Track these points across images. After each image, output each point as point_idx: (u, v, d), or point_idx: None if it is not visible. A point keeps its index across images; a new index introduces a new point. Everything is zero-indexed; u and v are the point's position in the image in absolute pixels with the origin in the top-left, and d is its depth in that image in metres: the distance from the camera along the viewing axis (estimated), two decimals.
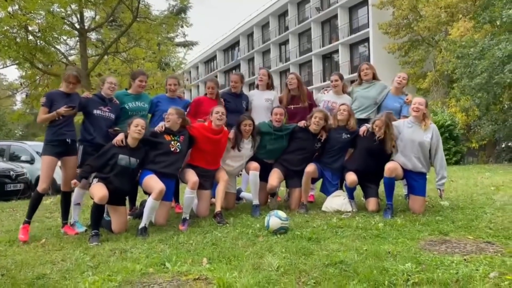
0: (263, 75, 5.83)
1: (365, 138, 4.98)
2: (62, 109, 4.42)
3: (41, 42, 15.16)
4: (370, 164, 4.97)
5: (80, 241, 4.21)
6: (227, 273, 2.93)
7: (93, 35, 18.79)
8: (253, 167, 5.10)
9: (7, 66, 17.37)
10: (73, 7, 15.29)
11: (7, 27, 13.96)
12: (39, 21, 14.69)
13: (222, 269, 3.03)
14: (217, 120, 4.82)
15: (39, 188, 4.51)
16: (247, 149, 5.18)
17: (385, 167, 4.72)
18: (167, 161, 4.60)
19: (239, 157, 5.20)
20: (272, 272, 2.95)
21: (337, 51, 30.59)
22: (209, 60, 48.87)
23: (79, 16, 15.80)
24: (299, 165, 5.20)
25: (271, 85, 5.88)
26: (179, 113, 4.73)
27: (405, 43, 24.35)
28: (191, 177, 4.67)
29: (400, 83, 5.54)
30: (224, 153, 5.11)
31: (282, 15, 37.05)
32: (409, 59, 24.01)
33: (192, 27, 22.46)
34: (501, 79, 12.78)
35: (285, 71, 34.39)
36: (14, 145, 12.03)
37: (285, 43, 36.37)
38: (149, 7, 17.17)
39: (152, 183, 4.39)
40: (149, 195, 4.45)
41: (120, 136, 4.43)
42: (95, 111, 4.73)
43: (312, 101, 5.74)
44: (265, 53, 38.97)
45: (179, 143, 4.69)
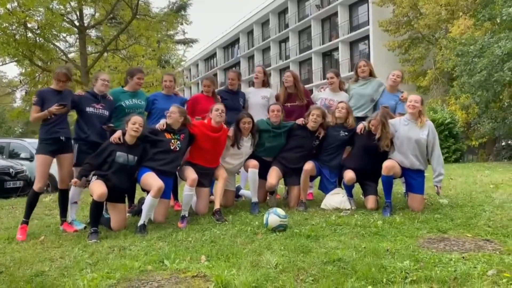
0: (259, 73, 5.83)
1: (362, 136, 4.98)
2: (53, 108, 4.39)
3: (40, 39, 15.12)
4: (368, 162, 4.96)
5: (79, 238, 4.22)
6: (225, 270, 2.93)
7: (92, 32, 18.75)
8: (252, 165, 5.09)
9: (7, 63, 17.35)
10: (73, 4, 15.26)
11: (6, 24, 13.92)
12: (38, 18, 14.65)
13: (220, 267, 3.03)
14: (217, 117, 4.81)
15: (35, 187, 4.51)
16: (246, 146, 5.18)
17: (383, 166, 4.72)
18: (166, 159, 4.60)
19: (239, 155, 5.20)
20: (270, 269, 2.95)
21: (337, 49, 30.56)
22: (209, 57, 48.84)
23: (78, 13, 15.76)
24: (297, 163, 5.20)
25: (267, 82, 5.88)
26: (181, 112, 4.72)
27: (405, 41, 24.31)
28: (190, 174, 4.67)
29: (394, 81, 5.54)
30: (223, 151, 5.11)
31: (282, 12, 37.00)
32: (409, 57, 23.97)
33: (192, 25, 22.38)
34: (500, 77, 12.77)
35: (285, 69, 34.30)
36: (13, 143, 12.02)
37: (285, 40, 36.33)
38: (149, 5, 17.19)
39: (150, 181, 4.39)
40: (147, 192, 4.45)
41: (117, 133, 4.43)
42: (88, 109, 4.71)
43: (309, 99, 5.73)
44: (265, 50, 38.94)
45: (179, 142, 4.68)
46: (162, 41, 19.75)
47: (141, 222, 4.31)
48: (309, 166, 5.09)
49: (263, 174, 5.16)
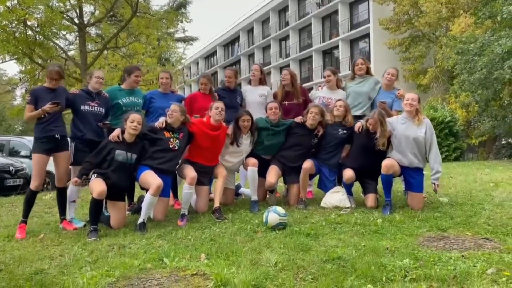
0: (256, 71, 5.83)
1: (361, 135, 4.97)
2: (46, 107, 4.36)
3: (40, 37, 15.10)
4: (367, 160, 4.96)
5: (78, 236, 4.22)
6: (225, 268, 2.93)
7: (92, 30, 18.72)
8: (252, 163, 5.09)
9: (6, 61, 17.36)
10: (72, 1, 15.25)
11: (6, 22, 13.91)
12: (38, 15, 14.63)
13: (220, 265, 3.03)
14: (216, 115, 4.80)
15: (32, 185, 4.51)
16: (246, 144, 5.18)
17: (382, 164, 4.72)
18: (165, 157, 4.60)
19: (238, 153, 5.20)
20: (270, 267, 2.95)
21: (337, 47, 30.51)
22: (209, 55, 48.77)
23: (78, 10, 15.74)
24: (296, 161, 5.20)
25: (263, 80, 5.88)
26: (182, 110, 4.72)
27: (406, 39, 24.28)
28: (190, 172, 4.66)
29: (390, 80, 5.53)
30: (223, 149, 5.10)
31: (282, 10, 36.92)
32: (410, 55, 23.93)
33: (192, 23, 22.36)
34: (500, 75, 12.75)
35: (285, 67, 34.28)
36: (13, 140, 12.01)
37: (286, 38, 36.26)
38: (149, 2, 17.18)
39: (149, 179, 4.39)
40: (146, 191, 4.44)
41: (116, 131, 4.42)
42: (82, 107, 4.68)
43: (307, 98, 5.72)
44: (265, 48, 38.88)
45: (178, 140, 4.67)
46: (162, 39, 19.73)
47: (140, 220, 4.31)
48: (308, 164, 5.09)
49: (262, 172, 5.16)
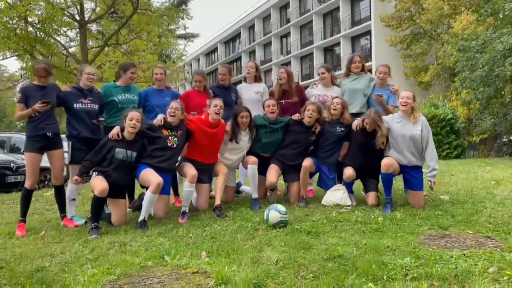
0: (251, 68, 5.82)
1: (358, 134, 4.95)
2: (36, 106, 4.31)
3: (41, 33, 15.08)
4: (366, 159, 4.95)
5: (79, 233, 4.22)
6: (226, 266, 2.93)
7: (93, 27, 18.72)
8: (252, 161, 5.09)
9: (7, 57, 17.33)
10: None
11: (6, 18, 13.88)
12: (38, 12, 14.60)
13: (221, 263, 3.03)
14: (214, 114, 4.78)
15: (26, 184, 4.50)
16: (244, 141, 5.16)
17: (381, 163, 4.71)
18: (164, 156, 4.59)
19: (238, 150, 5.19)
20: (271, 266, 2.95)
21: (338, 44, 30.42)
22: (210, 52, 48.68)
23: (79, 7, 15.69)
24: (295, 159, 5.20)
25: (259, 77, 5.86)
26: (183, 108, 4.72)
27: (407, 36, 24.20)
28: (190, 170, 4.66)
29: (382, 78, 5.52)
30: (222, 146, 5.10)
31: (283, 7, 36.81)
32: (411, 52, 23.86)
33: (193, 19, 22.33)
34: (501, 72, 12.71)
35: (286, 64, 34.25)
36: (15, 137, 12.00)
37: (287, 35, 36.19)
38: None
39: (149, 177, 4.38)
40: (146, 189, 4.44)
41: (115, 129, 4.41)
42: (75, 105, 4.65)
43: (303, 97, 5.70)
44: (266, 45, 38.80)
45: (176, 138, 4.66)
46: (163, 35, 19.71)
47: (141, 218, 4.31)
48: (308, 162, 5.08)
49: (261, 170, 5.15)
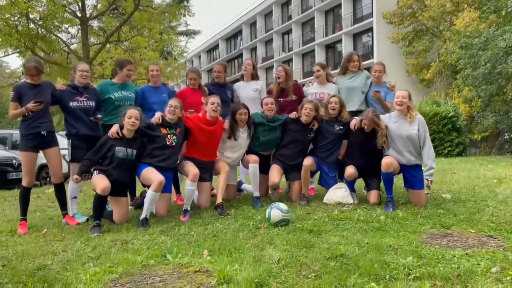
0: (248, 65, 5.79)
1: (357, 134, 4.94)
2: (30, 105, 4.27)
3: (42, 30, 15.10)
4: (367, 159, 4.93)
5: (81, 231, 4.22)
6: (228, 265, 2.92)
7: (94, 24, 18.72)
8: (252, 160, 5.07)
9: (9, 54, 17.33)
10: None
11: (8, 15, 13.89)
12: (40, 9, 14.62)
13: (223, 262, 3.03)
14: (212, 111, 4.75)
15: (24, 182, 4.50)
16: (243, 138, 5.15)
17: (382, 162, 4.69)
18: (164, 155, 4.57)
19: (236, 147, 5.17)
20: (273, 265, 2.95)
21: (340, 41, 30.35)
22: (212, 49, 48.62)
23: (80, 4, 15.70)
24: (295, 159, 5.20)
25: (256, 75, 5.84)
26: (181, 106, 4.70)
27: (409, 33, 24.12)
28: (191, 169, 4.65)
29: (378, 76, 5.51)
30: (221, 144, 5.08)
31: (285, 4, 36.71)
32: (413, 49, 23.80)
33: (194, 16, 22.34)
34: (504, 69, 12.67)
35: (288, 61, 34.21)
36: (16, 134, 11.97)
37: (288, 32, 36.10)
38: None
39: (151, 176, 4.38)
40: (148, 187, 4.43)
41: (114, 128, 4.39)
42: (71, 104, 4.62)
43: (301, 95, 5.68)
44: (268, 42, 38.72)
45: (175, 137, 4.64)
46: (164, 32, 19.69)
47: (142, 216, 4.30)
48: (308, 161, 5.08)
49: (262, 169, 5.14)
